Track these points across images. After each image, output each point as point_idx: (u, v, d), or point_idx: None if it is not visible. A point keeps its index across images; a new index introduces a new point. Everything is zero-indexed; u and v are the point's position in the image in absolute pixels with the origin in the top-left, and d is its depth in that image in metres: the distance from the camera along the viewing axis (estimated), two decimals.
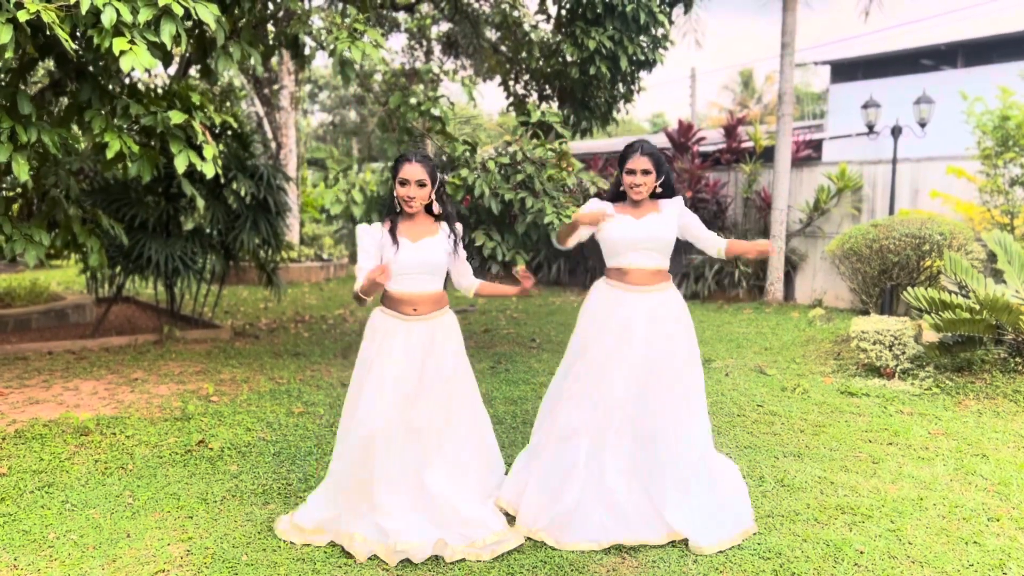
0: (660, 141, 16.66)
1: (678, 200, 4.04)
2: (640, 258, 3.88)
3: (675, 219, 3.95)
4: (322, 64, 35.81)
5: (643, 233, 3.86)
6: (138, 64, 4.00)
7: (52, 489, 4.13)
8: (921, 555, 3.43)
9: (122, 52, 3.98)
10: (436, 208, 3.79)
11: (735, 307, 11.22)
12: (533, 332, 9.33)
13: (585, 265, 13.91)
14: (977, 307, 6.08)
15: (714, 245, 4.03)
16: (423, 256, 3.69)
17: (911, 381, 6.38)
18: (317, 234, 18.05)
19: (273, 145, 16.00)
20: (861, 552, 3.44)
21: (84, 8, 3.92)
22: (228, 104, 9.03)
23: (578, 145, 17.39)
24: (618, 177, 4.03)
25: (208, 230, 8.44)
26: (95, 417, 5.43)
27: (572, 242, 4.07)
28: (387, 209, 3.85)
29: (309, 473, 4.42)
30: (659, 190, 3.97)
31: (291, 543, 3.52)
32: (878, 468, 4.55)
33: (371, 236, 3.73)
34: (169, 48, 4.27)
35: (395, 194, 3.74)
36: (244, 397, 6.09)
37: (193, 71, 7.46)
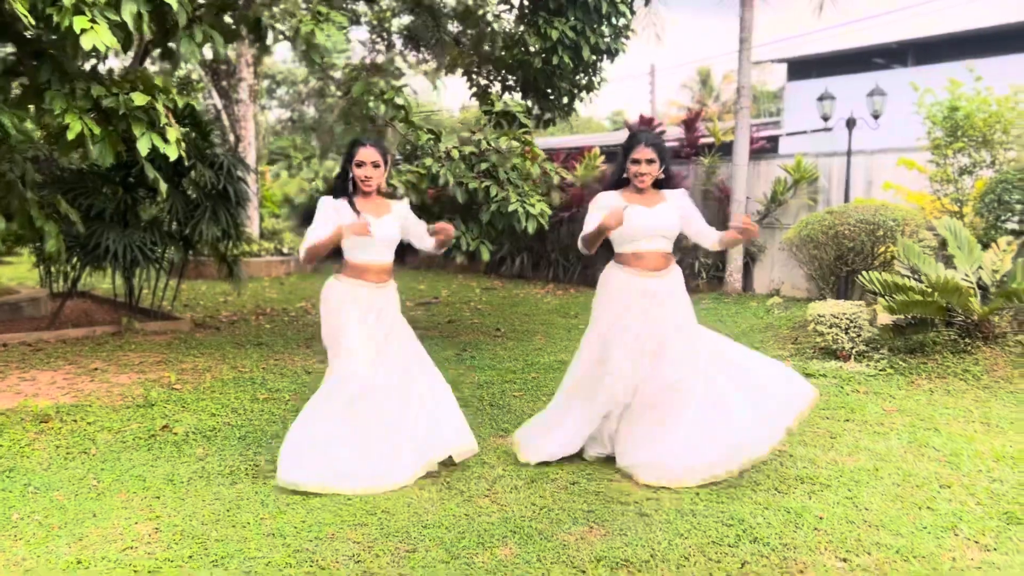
0: (621, 138, 16.82)
1: (682, 192, 4.34)
2: (655, 244, 4.18)
3: (679, 210, 4.24)
4: (280, 59, 35.43)
5: (657, 221, 4.16)
6: (99, 43, 3.96)
7: (13, 474, 4.07)
8: (877, 519, 3.55)
9: (83, 31, 3.94)
10: (384, 188, 4.23)
11: (695, 297, 11.23)
12: (497, 322, 9.38)
13: (548, 258, 13.98)
14: (929, 290, 6.27)
15: (709, 237, 4.36)
16: (386, 231, 4.09)
17: (866, 363, 6.55)
18: (277, 228, 17.90)
19: (232, 138, 15.81)
20: (821, 518, 3.55)
21: None
22: (187, 93, 8.92)
23: (540, 141, 17.48)
24: (621, 165, 4.27)
25: (167, 220, 8.33)
26: (54, 405, 5.36)
27: (596, 247, 4.22)
28: (339, 192, 4.13)
29: (277, 455, 4.40)
30: (661, 177, 4.22)
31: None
32: (835, 442, 4.68)
33: (334, 207, 4.04)
34: (131, 28, 4.23)
35: (351, 176, 4.07)
36: (207, 385, 6.04)
37: (150, 61, 7.36)
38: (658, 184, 4.26)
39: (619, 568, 3.09)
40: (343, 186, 4.11)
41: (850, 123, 10.42)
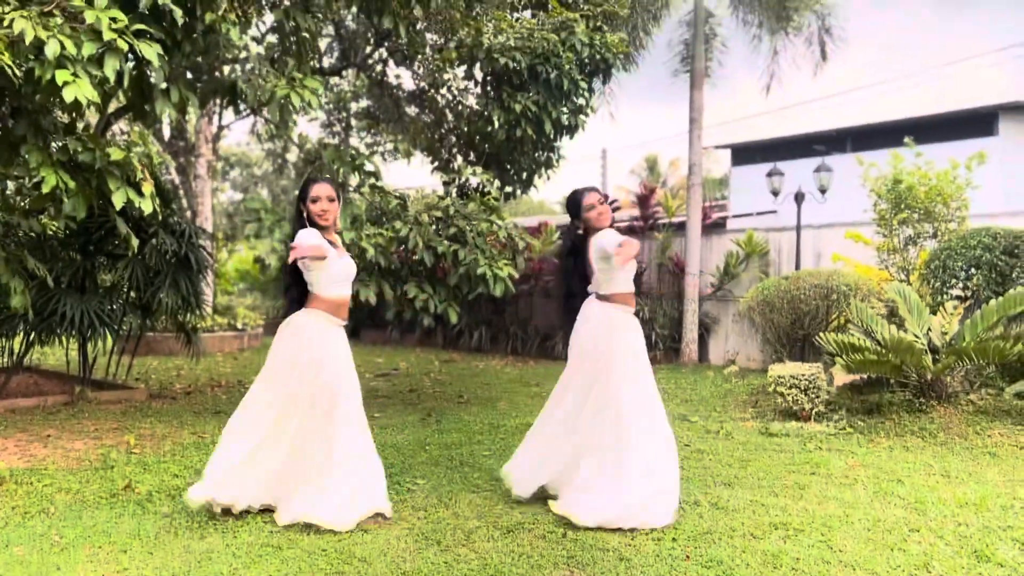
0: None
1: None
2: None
3: None
4: (234, 141, 35.66)
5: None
6: (81, 96, 4.01)
7: None
8: (852, 560, 3.60)
9: (65, 83, 3.99)
10: (339, 225, 4.34)
11: (653, 368, 11.47)
12: (460, 390, 9.35)
13: (507, 331, 14.05)
14: (883, 349, 6.48)
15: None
16: (351, 265, 4.30)
17: (826, 422, 6.69)
18: (230, 304, 17.69)
19: (188, 214, 15.76)
20: (797, 559, 3.58)
21: (28, 39, 3.93)
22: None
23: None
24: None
25: (126, 287, 8.21)
26: (8, 468, 5.16)
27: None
28: (295, 231, 4.19)
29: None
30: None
31: None
32: (804, 493, 4.75)
33: (316, 234, 4.11)
34: (111, 83, 4.29)
35: (306, 214, 4.17)
36: (168, 448, 5.89)
37: (121, 125, 7.40)
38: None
39: None
40: (300, 225, 4.18)
41: (799, 197, 10.87)
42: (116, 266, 7.92)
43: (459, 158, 10.15)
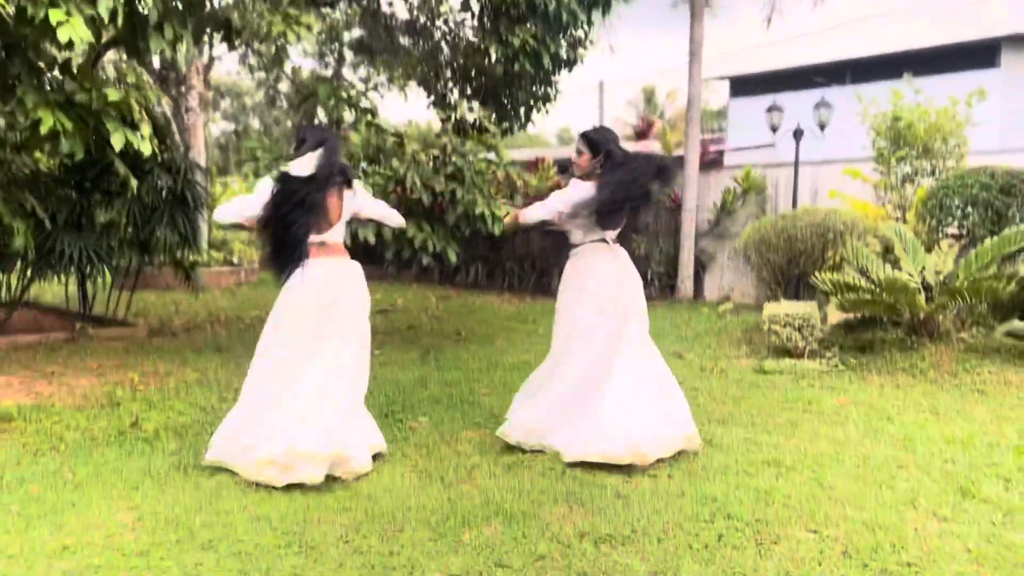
0: (571, 152, 17.07)
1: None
2: None
3: None
4: (225, 71, 35.00)
5: None
6: (75, 36, 3.95)
7: None
8: (842, 496, 3.72)
9: (59, 23, 3.93)
10: None
11: (649, 304, 11.56)
12: (457, 327, 9.43)
13: (503, 267, 14.09)
14: (878, 289, 6.55)
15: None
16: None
17: (819, 360, 6.80)
18: (226, 239, 17.62)
19: (181, 148, 15.57)
20: (789, 496, 3.71)
21: None
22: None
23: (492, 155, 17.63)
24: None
25: (123, 225, 8.19)
26: (15, 405, 5.24)
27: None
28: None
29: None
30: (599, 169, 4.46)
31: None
32: (796, 430, 4.87)
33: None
34: (106, 22, 4.22)
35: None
36: (172, 386, 5.98)
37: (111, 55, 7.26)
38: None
39: (603, 542, 3.19)
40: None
41: (797, 133, 10.80)
42: (112, 204, 7.88)
43: (455, 93, 10.00)
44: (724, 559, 3.05)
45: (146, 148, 4.92)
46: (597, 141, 4.44)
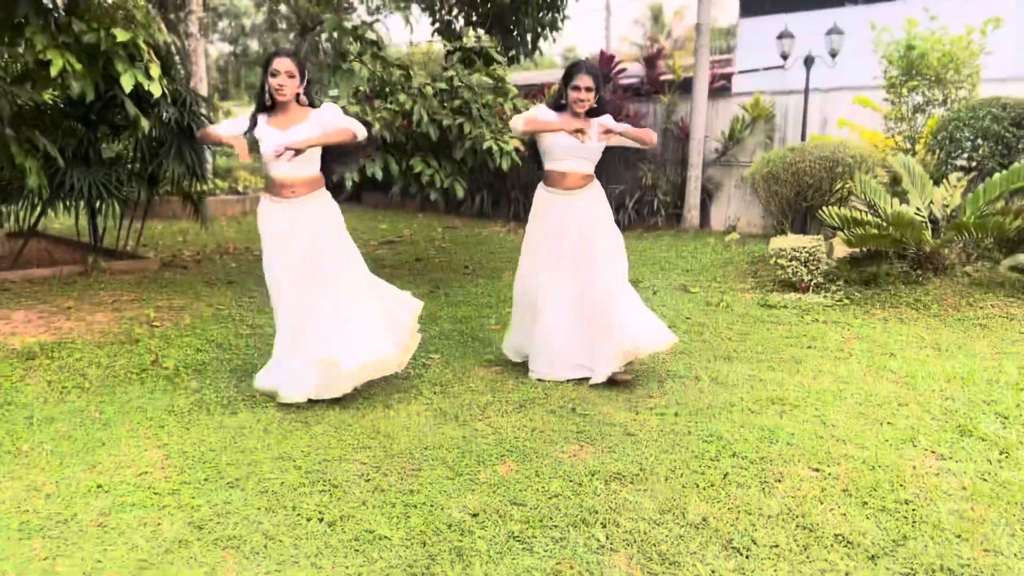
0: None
1: (607, 116, 4.71)
2: (576, 164, 4.63)
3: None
4: None
5: (584, 144, 4.53)
6: None
7: (11, 407, 4.13)
8: (844, 434, 3.85)
9: None
10: (303, 100, 4.27)
11: (655, 235, 11.64)
12: (464, 260, 9.51)
13: (509, 197, 14.06)
14: (885, 224, 6.58)
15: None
16: (291, 141, 4.13)
17: (824, 294, 6.88)
18: (231, 167, 17.56)
19: (182, 73, 15.36)
20: (792, 434, 3.83)
21: None
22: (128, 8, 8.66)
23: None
24: (561, 92, 4.68)
25: (130, 158, 8.18)
26: (37, 342, 5.37)
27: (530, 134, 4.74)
28: (258, 104, 4.28)
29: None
30: (595, 106, 4.61)
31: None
32: (800, 367, 4.98)
33: (241, 119, 4.29)
34: None
35: (266, 87, 4.20)
36: (187, 322, 6.09)
37: None
38: (591, 113, 4.63)
39: (612, 481, 3.33)
40: (260, 98, 4.26)
41: (808, 61, 10.63)
42: (119, 137, 7.86)
43: (460, 20, 9.84)
44: (729, 497, 3.19)
45: (156, 89, 4.90)
46: (600, 81, 4.62)
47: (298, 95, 4.25)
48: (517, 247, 10.56)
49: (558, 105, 4.68)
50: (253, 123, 4.24)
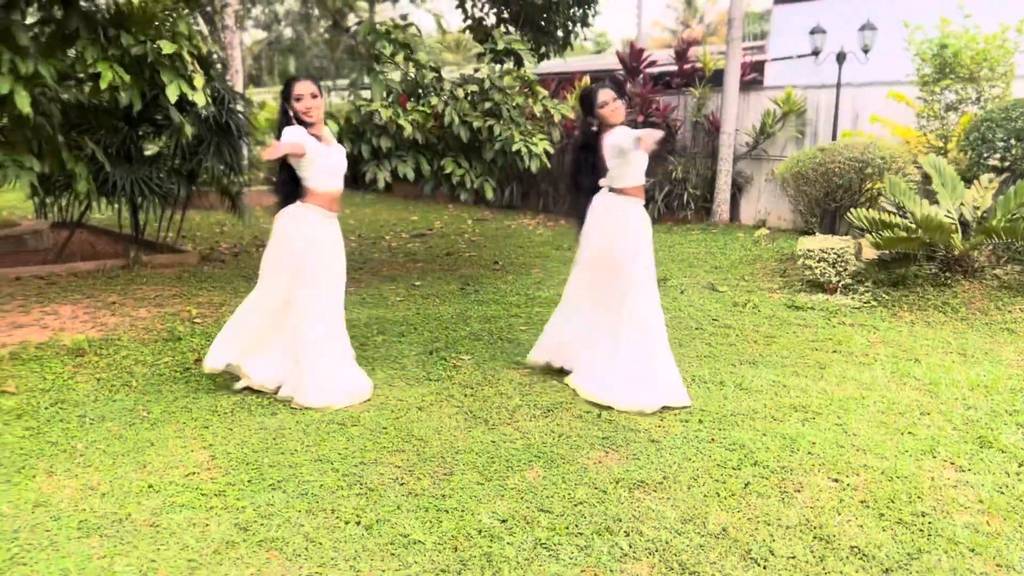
0: (609, 62, 16.79)
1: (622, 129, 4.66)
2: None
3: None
4: None
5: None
6: None
7: (65, 405, 4.35)
8: (864, 444, 3.94)
9: None
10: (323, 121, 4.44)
11: (684, 228, 11.69)
12: (494, 255, 9.64)
13: (538, 189, 14.16)
14: (913, 227, 6.60)
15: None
16: (341, 159, 4.49)
17: (852, 295, 6.92)
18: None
19: (219, 67, 15.62)
20: (814, 443, 3.93)
21: None
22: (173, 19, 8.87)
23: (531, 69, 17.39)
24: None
25: (171, 155, 8.41)
26: (85, 339, 5.60)
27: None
28: (279, 130, 4.33)
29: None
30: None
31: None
32: (825, 373, 5.06)
33: (301, 131, 4.30)
34: None
35: (292, 112, 4.29)
36: (227, 319, 6.27)
37: None
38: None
39: (636, 488, 3.46)
40: (285, 122, 4.33)
41: (840, 57, 10.57)
42: (160, 135, 8.09)
43: (491, 16, 9.91)
44: (749, 507, 3.30)
45: (200, 99, 5.08)
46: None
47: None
48: (547, 241, 10.75)
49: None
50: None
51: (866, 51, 10.58)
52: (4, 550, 2.91)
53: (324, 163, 4.37)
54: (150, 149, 8.31)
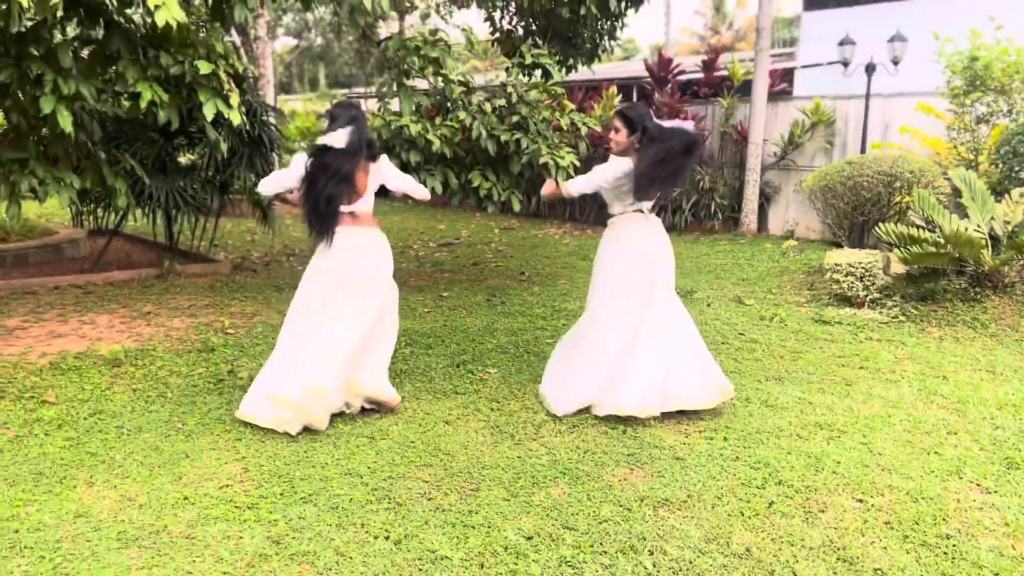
0: (637, 69, 16.82)
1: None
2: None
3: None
4: None
5: None
6: (171, 18, 4.20)
7: (103, 416, 4.48)
8: (890, 463, 3.94)
9: (156, 7, 4.18)
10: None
11: (711, 239, 11.68)
12: (521, 265, 9.71)
13: (564, 198, 14.19)
14: (942, 242, 6.57)
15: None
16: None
17: (880, 310, 6.90)
18: None
19: (252, 79, 15.88)
20: (838, 462, 3.94)
21: None
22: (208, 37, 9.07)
23: (557, 79, 17.45)
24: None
25: (204, 167, 8.60)
26: (122, 349, 5.74)
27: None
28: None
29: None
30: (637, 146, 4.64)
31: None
32: (851, 390, 5.06)
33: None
34: (196, 2, 4.46)
35: None
36: (259, 330, 6.42)
37: None
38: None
39: (660, 507, 3.50)
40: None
41: (869, 68, 10.52)
42: (194, 147, 8.26)
43: (519, 29, 9.99)
44: (773, 527, 3.33)
45: (235, 117, 5.22)
46: (633, 119, 4.62)
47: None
48: (572, 251, 10.81)
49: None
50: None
51: (896, 63, 10.52)
52: (47, 560, 3.02)
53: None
54: (185, 158, 8.49)
